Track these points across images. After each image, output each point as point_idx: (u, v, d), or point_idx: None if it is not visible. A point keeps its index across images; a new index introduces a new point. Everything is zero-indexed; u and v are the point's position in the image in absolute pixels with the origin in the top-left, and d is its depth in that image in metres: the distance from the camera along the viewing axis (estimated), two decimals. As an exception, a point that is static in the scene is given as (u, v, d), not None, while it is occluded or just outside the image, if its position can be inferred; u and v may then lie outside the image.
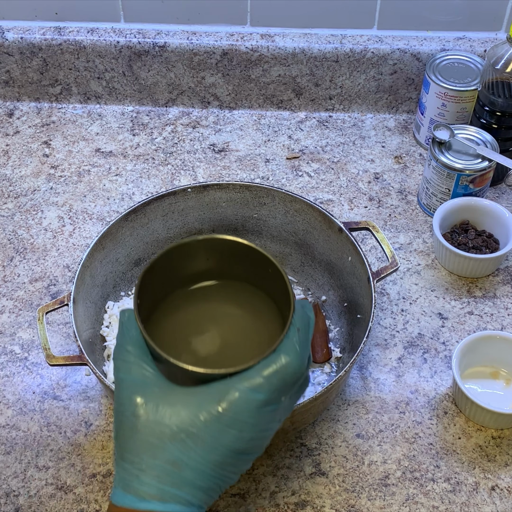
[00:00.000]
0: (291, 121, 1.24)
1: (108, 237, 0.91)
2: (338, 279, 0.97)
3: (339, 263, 0.95)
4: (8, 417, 0.90)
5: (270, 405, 0.57)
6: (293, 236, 0.99)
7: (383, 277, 0.88)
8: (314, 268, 1.00)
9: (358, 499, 0.83)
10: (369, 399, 0.91)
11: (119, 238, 0.93)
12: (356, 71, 1.20)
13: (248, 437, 0.57)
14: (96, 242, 0.89)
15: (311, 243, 0.98)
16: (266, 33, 1.19)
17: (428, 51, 1.18)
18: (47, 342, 0.84)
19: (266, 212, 0.98)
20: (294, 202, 0.96)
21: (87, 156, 1.18)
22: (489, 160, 1.04)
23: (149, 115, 1.24)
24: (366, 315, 0.86)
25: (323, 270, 0.99)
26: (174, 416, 0.57)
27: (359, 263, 0.90)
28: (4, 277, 1.03)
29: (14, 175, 1.16)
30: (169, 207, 0.96)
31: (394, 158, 1.19)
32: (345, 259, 0.93)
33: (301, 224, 0.97)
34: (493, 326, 0.99)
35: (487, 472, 0.86)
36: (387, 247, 0.91)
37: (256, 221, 1.00)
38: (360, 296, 0.91)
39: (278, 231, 1.00)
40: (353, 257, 0.91)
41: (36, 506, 0.83)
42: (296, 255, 1.01)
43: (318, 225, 0.95)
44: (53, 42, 1.19)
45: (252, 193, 0.97)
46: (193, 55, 1.19)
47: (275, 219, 0.99)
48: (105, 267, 0.92)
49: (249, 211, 0.99)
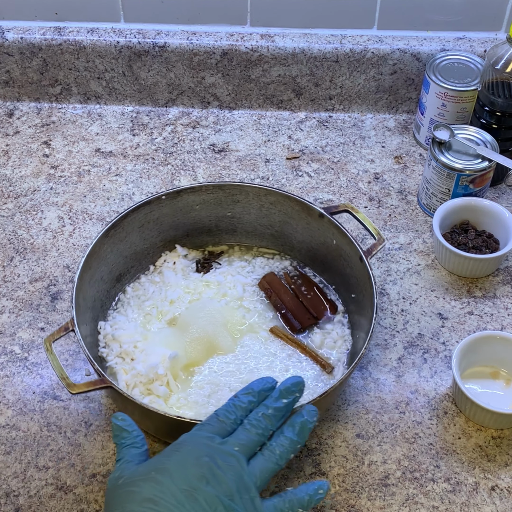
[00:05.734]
0: (291, 121, 1.24)
1: (93, 256, 0.90)
2: (321, 264, 0.99)
3: (321, 249, 0.97)
4: (8, 417, 0.90)
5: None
6: (269, 229, 1.00)
7: (374, 254, 0.91)
8: (293, 257, 1.02)
9: (358, 499, 0.83)
10: (369, 399, 0.91)
11: (102, 256, 0.92)
12: (356, 71, 1.20)
13: None
14: (84, 263, 0.88)
15: (288, 233, 0.99)
16: (266, 33, 1.19)
17: (428, 51, 1.18)
18: (63, 371, 0.81)
19: (240, 209, 0.99)
20: (269, 195, 0.97)
21: (87, 156, 1.18)
22: (489, 160, 1.04)
23: (149, 115, 1.24)
24: (363, 296, 0.89)
25: (303, 257, 1.00)
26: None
27: (346, 245, 0.92)
28: (4, 277, 1.03)
29: (14, 175, 1.16)
30: (144, 218, 0.95)
31: (394, 158, 1.19)
32: (329, 244, 0.95)
33: (277, 216, 0.98)
34: (493, 326, 0.99)
35: (487, 472, 0.86)
36: (370, 225, 0.93)
37: (230, 219, 1.00)
38: (351, 276, 0.93)
39: (253, 226, 1.01)
40: (338, 240, 0.93)
41: (36, 506, 0.83)
42: (274, 247, 1.02)
43: (295, 214, 0.97)
44: (53, 42, 1.19)
45: (225, 192, 0.97)
46: (193, 55, 1.19)
47: (250, 214, 0.99)
48: (92, 287, 0.91)
49: (222, 211, 0.99)
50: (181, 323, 0.93)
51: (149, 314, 0.95)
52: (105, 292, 0.94)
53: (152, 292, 0.97)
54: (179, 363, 0.89)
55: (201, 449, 0.68)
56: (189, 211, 0.98)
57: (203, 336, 0.91)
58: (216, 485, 0.66)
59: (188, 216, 0.98)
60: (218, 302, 0.95)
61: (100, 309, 0.94)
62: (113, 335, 0.91)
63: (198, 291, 0.97)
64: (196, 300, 0.96)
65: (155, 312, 0.95)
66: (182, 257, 1.00)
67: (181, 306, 0.95)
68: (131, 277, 0.98)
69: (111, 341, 0.91)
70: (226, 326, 0.93)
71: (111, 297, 0.96)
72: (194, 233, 1.01)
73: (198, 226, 1.00)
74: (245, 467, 0.69)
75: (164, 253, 1.00)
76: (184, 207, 0.97)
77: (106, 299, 0.95)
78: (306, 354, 0.92)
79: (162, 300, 0.96)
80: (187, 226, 0.99)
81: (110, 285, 0.95)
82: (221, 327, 0.92)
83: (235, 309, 0.95)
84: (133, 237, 0.95)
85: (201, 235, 1.01)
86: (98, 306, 0.93)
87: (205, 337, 0.91)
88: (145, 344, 0.90)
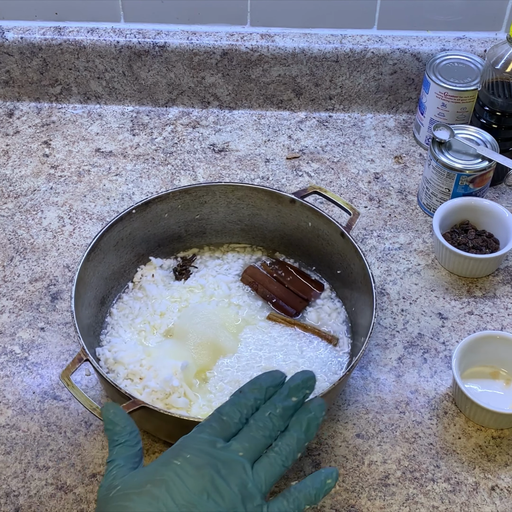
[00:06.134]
0: (291, 121, 1.24)
1: (80, 283, 0.88)
2: (297, 248, 1.00)
3: (296, 233, 0.98)
4: (8, 417, 0.90)
5: None
6: (238, 224, 1.01)
7: (353, 228, 0.93)
8: (266, 248, 1.03)
9: (358, 499, 0.83)
10: (369, 399, 0.91)
11: (87, 281, 0.90)
12: (356, 71, 1.20)
13: None
14: (75, 292, 0.86)
15: (259, 225, 1.00)
16: (266, 33, 1.19)
17: (428, 51, 1.18)
18: (92, 403, 0.78)
19: (207, 210, 0.99)
20: (236, 190, 0.97)
21: (87, 156, 1.18)
22: (489, 160, 1.04)
23: (149, 115, 1.24)
24: (351, 270, 0.92)
25: (277, 246, 1.02)
26: None
27: (323, 225, 0.95)
28: (4, 277, 1.03)
29: (14, 175, 1.16)
30: (118, 235, 0.94)
31: (394, 158, 1.19)
32: (304, 227, 0.97)
33: (246, 209, 0.99)
34: (493, 326, 0.99)
35: (487, 472, 0.86)
36: (342, 201, 0.96)
37: (198, 222, 1.00)
38: (333, 254, 0.96)
39: (222, 224, 1.01)
40: (313, 222, 0.95)
41: (36, 506, 0.83)
42: (245, 242, 1.03)
43: (265, 205, 0.98)
44: (53, 42, 1.19)
45: (192, 195, 0.97)
46: (193, 55, 1.19)
47: (218, 213, 1.00)
48: (84, 314, 0.89)
49: (190, 215, 0.99)
50: (178, 332, 0.93)
51: (142, 330, 0.94)
52: (94, 317, 0.92)
53: (139, 308, 0.95)
54: (190, 372, 0.88)
55: (202, 457, 0.63)
56: (158, 221, 0.97)
57: (205, 341, 0.91)
58: (218, 499, 0.61)
59: (158, 226, 0.97)
60: (209, 305, 0.95)
61: (93, 335, 0.92)
62: (115, 359, 0.89)
63: (184, 298, 0.96)
64: (185, 307, 0.95)
65: (148, 327, 0.94)
66: (158, 268, 0.99)
67: (172, 316, 0.94)
68: (113, 298, 0.97)
69: (113, 365, 0.89)
70: (224, 326, 0.93)
71: (99, 322, 0.94)
72: (165, 242, 1.00)
73: (168, 235, 0.99)
74: (250, 473, 0.64)
75: (139, 267, 0.99)
76: (153, 217, 0.96)
77: (96, 324, 0.93)
78: (309, 331, 0.94)
79: (152, 314, 0.94)
80: (157, 237, 0.99)
81: (96, 309, 0.93)
82: (220, 328, 0.92)
83: (226, 308, 0.96)
84: (110, 257, 0.94)
85: (172, 243, 1.01)
86: (91, 332, 0.91)
87: (208, 341, 0.91)
88: (150, 360, 0.89)
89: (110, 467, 0.65)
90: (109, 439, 0.67)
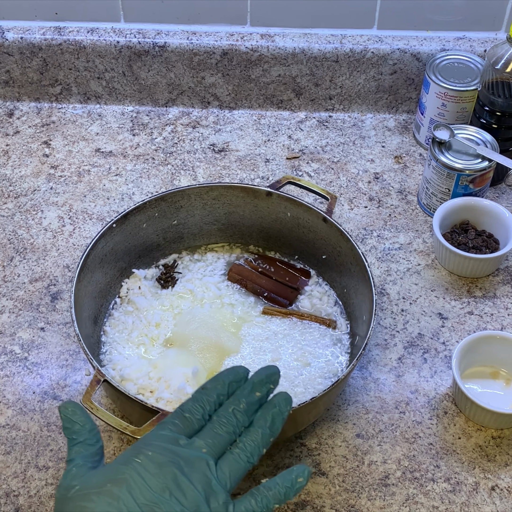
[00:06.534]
0: (291, 121, 1.24)
1: (77, 306, 0.86)
2: (276, 240, 1.01)
3: (274, 225, 0.99)
4: (8, 417, 0.90)
5: None
6: (215, 224, 1.01)
7: (334, 212, 0.96)
8: (245, 244, 1.03)
9: (358, 499, 0.83)
10: (369, 399, 0.91)
11: (80, 302, 0.88)
12: (356, 71, 1.20)
13: None
14: (76, 315, 0.84)
15: (236, 222, 1.01)
16: (266, 33, 1.19)
17: (428, 51, 1.18)
18: (121, 422, 0.76)
19: (184, 215, 0.99)
20: (211, 191, 0.97)
21: (87, 156, 1.18)
22: (489, 160, 1.04)
23: (149, 115, 1.24)
24: (338, 253, 0.94)
25: (255, 240, 1.03)
26: None
27: (303, 213, 0.96)
28: (4, 277, 1.03)
29: (14, 175, 1.16)
30: (102, 251, 0.92)
31: (394, 158, 1.19)
32: (283, 218, 0.98)
33: (222, 209, 0.99)
34: (493, 326, 0.99)
35: (487, 472, 0.86)
36: (317, 188, 0.97)
37: (175, 228, 1.00)
38: (316, 240, 0.97)
39: (199, 226, 1.01)
40: (292, 211, 0.97)
41: (36, 506, 0.83)
42: (223, 241, 1.03)
43: (241, 201, 0.98)
44: (53, 42, 1.19)
45: (168, 201, 0.97)
46: (193, 55, 1.19)
47: (194, 216, 1.00)
48: (83, 337, 0.86)
49: (167, 221, 0.98)
50: (178, 340, 0.92)
51: (141, 343, 0.93)
52: (90, 338, 0.91)
53: (132, 322, 0.94)
54: (201, 377, 0.88)
55: (164, 454, 0.61)
56: (137, 232, 0.96)
57: (209, 344, 0.91)
58: (180, 497, 0.60)
59: (137, 237, 0.97)
60: (202, 308, 0.95)
61: (93, 355, 0.89)
62: (122, 376, 0.88)
63: (175, 305, 0.96)
64: (179, 314, 0.95)
65: (147, 340, 0.93)
66: (143, 279, 0.98)
67: (168, 325, 0.94)
68: (103, 317, 0.95)
69: (121, 382, 0.88)
70: (223, 327, 0.93)
71: (96, 342, 0.92)
72: (145, 253, 0.99)
73: (148, 245, 0.99)
74: (214, 470, 0.62)
75: (123, 282, 0.98)
76: (132, 229, 0.95)
77: (94, 345, 0.92)
78: (306, 319, 0.95)
79: (147, 326, 0.93)
80: (137, 248, 0.98)
81: (91, 330, 0.92)
82: (220, 329, 0.92)
83: (220, 309, 0.95)
84: (97, 276, 0.93)
85: (151, 252, 1.00)
86: (90, 353, 0.89)
87: (211, 344, 0.91)
88: (158, 372, 0.88)
89: (69, 466, 0.63)
90: (68, 437, 0.65)
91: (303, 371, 0.90)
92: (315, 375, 0.89)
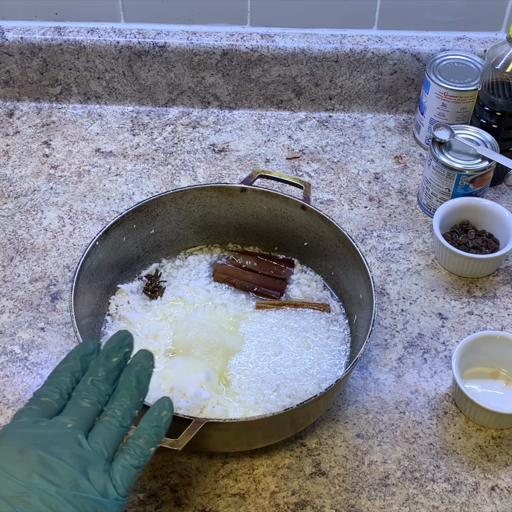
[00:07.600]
0: (291, 121, 1.24)
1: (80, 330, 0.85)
2: (254, 235, 1.02)
3: (251, 220, 1.00)
4: (8, 417, 0.89)
5: None
6: (191, 228, 1.01)
7: (311, 199, 0.97)
8: (224, 243, 1.04)
9: (358, 499, 0.83)
10: (369, 399, 0.91)
11: (78, 326, 0.86)
12: (356, 71, 1.20)
13: None
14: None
15: (212, 223, 1.01)
16: (266, 33, 1.19)
17: (428, 51, 1.18)
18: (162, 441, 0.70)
19: (160, 223, 0.98)
20: (184, 195, 0.98)
21: (87, 156, 1.18)
22: (489, 160, 1.04)
23: (149, 115, 1.24)
24: (320, 238, 0.95)
25: (233, 238, 1.03)
26: None
27: (279, 204, 0.97)
28: (4, 277, 1.03)
29: (14, 175, 1.16)
30: (89, 271, 0.91)
31: (394, 158, 1.19)
32: (259, 212, 0.99)
33: (197, 211, 1.00)
34: (493, 326, 0.99)
35: (487, 472, 0.86)
36: (289, 177, 0.97)
37: (153, 237, 0.99)
38: (295, 228, 0.98)
39: (175, 232, 1.01)
40: (268, 204, 0.98)
41: (36, 506, 0.83)
42: (201, 243, 1.04)
43: (215, 201, 0.99)
44: (53, 42, 1.19)
45: (144, 211, 0.96)
46: (193, 55, 1.19)
47: (170, 223, 0.99)
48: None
49: (145, 232, 0.98)
50: (181, 348, 0.91)
51: None
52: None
53: None
54: (214, 380, 0.88)
55: (24, 439, 0.59)
56: (118, 246, 0.95)
57: (212, 347, 0.90)
58: (52, 477, 0.57)
59: (118, 252, 0.96)
60: (196, 312, 0.94)
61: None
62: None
63: (168, 314, 0.95)
64: (174, 322, 0.94)
65: None
66: (130, 293, 0.97)
67: (166, 335, 0.93)
68: (98, 338, 0.93)
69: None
70: (222, 327, 0.93)
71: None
72: (127, 266, 0.98)
73: (129, 258, 0.98)
74: (85, 442, 0.61)
75: (110, 299, 0.96)
76: (113, 244, 0.95)
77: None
78: (300, 307, 0.96)
79: (145, 339, 0.92)
80: (119, 263, 0.97)
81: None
82: (220, 331, 0.92)
83: (214, 311, 0.95)
84: (87, 297, 0.91)
85: (132, 265, 0.99)
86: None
87: (215, 347, 0.90)
88: (169, 382, 0.87)
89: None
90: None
91: (306, 354, 0.91)
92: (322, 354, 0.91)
